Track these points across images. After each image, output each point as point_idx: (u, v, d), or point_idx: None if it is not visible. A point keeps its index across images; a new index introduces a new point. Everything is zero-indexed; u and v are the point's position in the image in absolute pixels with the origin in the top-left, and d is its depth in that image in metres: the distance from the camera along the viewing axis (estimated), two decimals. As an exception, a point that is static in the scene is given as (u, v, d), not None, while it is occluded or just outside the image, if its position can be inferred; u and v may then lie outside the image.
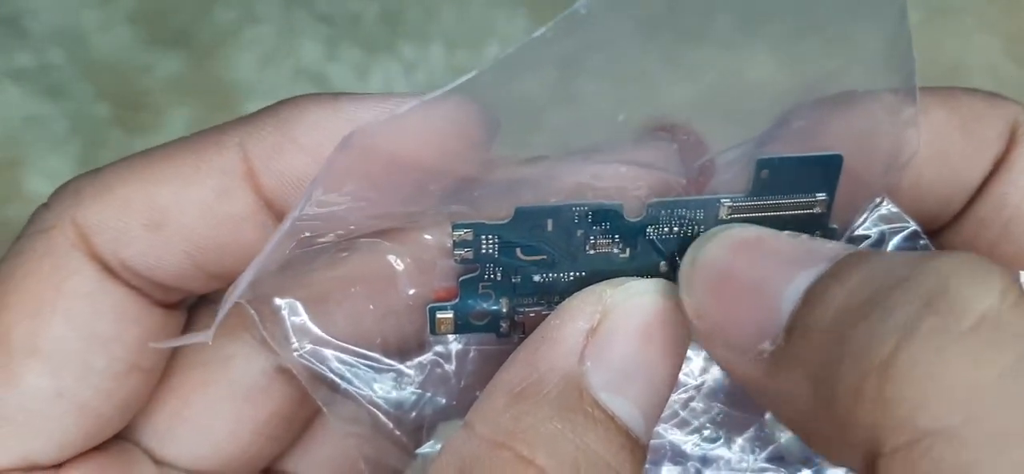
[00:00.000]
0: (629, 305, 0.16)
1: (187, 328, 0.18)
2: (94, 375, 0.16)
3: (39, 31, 0.59)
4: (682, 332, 0.16)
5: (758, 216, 0.16)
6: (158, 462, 0.18)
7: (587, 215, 0.16)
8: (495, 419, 0.15)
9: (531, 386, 0.15)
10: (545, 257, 0.17)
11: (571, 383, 0.15)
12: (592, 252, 0.17)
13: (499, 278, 0.17)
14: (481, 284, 0.17)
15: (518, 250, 0.17)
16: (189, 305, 0.18)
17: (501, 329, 0.18)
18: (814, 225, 0.16)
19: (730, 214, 0.17)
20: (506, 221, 0.17)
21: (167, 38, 0.59)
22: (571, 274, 0.17)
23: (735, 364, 0.15)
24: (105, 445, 0.17)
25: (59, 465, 0.16)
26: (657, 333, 0.16)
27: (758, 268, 0.15)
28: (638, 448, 0.16)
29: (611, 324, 0.16)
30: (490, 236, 0.16)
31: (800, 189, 0.16)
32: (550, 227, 0.16)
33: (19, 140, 0.59)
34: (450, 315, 0.17)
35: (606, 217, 0.16)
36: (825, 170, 0.16)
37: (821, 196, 0.16)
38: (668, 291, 0.17)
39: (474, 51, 0.59)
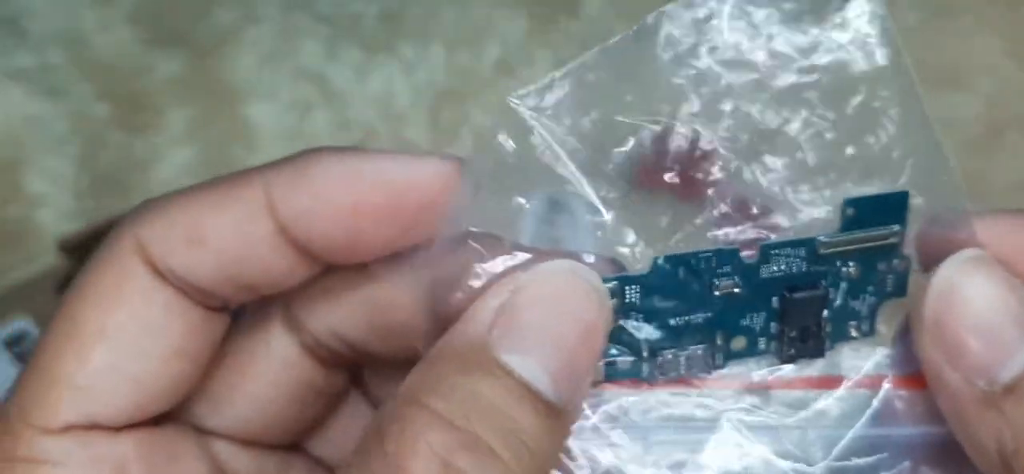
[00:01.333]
0: (537, 279, 0.18)
1: (228, 331, 0.22)
2: (146, 357, 0.20)
3: (39, 32, 0.59)
4: (595, 305, 0.18)
5: (847, 248, 0.19)
6: (207, 432, 0.22)
7: (711, 259, 0.19)
8: (408, 382, 0.17)
9: (442, 352, 0.18)
10: (679, 302, 0.19)
11: (476, 345, 0.17)
12: (717, 294, 0.19)
13: (641, 324, 0.19)
14: (625, 332, 0.19)
15: (656, 297, 0.19)
16: (233, 311, 0.22)
17: (644, 372, 0.20)
18: (892, 253, 0.19)
19: (826, 250, 0.19)
20: (646, 272, 0.19)
21: (167, 38, 0.59)
22: (701, 316, 0.19)
23: (947, 376, 0.18)
24: (157, 420, 0.21)
25: (117, 429, 0.20)
26: (565, 303, 0.18)
27: (1003, 317, 0.18)
28: (550, 410, 0.17)
29: (519, 297, 0.18)
30: (633, 286, 0.19)
31: (878, 222, 0.19)
32: (682, 274, 0.19)
33: (19, 140, 0.59)
34: (600, 362, 0.19)
35: (727, 259, 0.19)
36: (897, 205, 0.19)
37: (896, 228, 0.19)
38: (580, 272, 0.18)
39: (474, 52, 0.59)
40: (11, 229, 0.58)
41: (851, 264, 0.19)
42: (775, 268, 0.19)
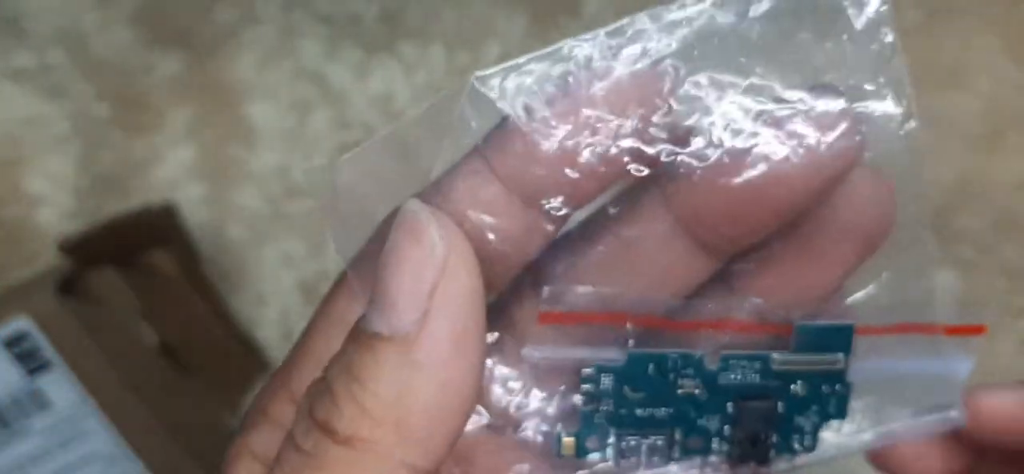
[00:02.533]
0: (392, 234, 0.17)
1: None
2: None
3: (39, 32, 0.59)
4: (412, 235, 0.17)
5: (797, 369, 0.21)
6: None
7: (677, 361, 0.21)
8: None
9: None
10: (646, 394, 0.21)
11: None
12: (680, 392, 0.21)
13: (611, 411, 0.21)
14: (596, 415, 0.21)
15: (626, 388, 0.21)
16: None
17: (607, 455, 0.21)
18: (836, 378, 0.21)
19: (779, 366, 0.21)
20: (621, 364, 0.20)
21: (167, 38, 0.60)
22: (663, 410, 0.21)
23: None
24: None
25: None
26: (390, 242, 0.17)
27: None
28: (377, 339, 0.17)
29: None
30: (608, 374, 0.20)
31: (827, 349, 0.21)
32: (651, 370, 0.21)
33: (19, 140, 0.59)
34: (573, 440, 0.21)
35: (691, 363, 0.21)
36: (844, 336, 0.21)
37: (840, 355, 0.21)
38: (405, 214, 0.18)
39: (474, 52, 0.59)
40: (11, 229, 0.58)
41: (799, 382, 0.21)
42: (732, 376, 0.21)
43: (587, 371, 0.20)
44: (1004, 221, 0.59)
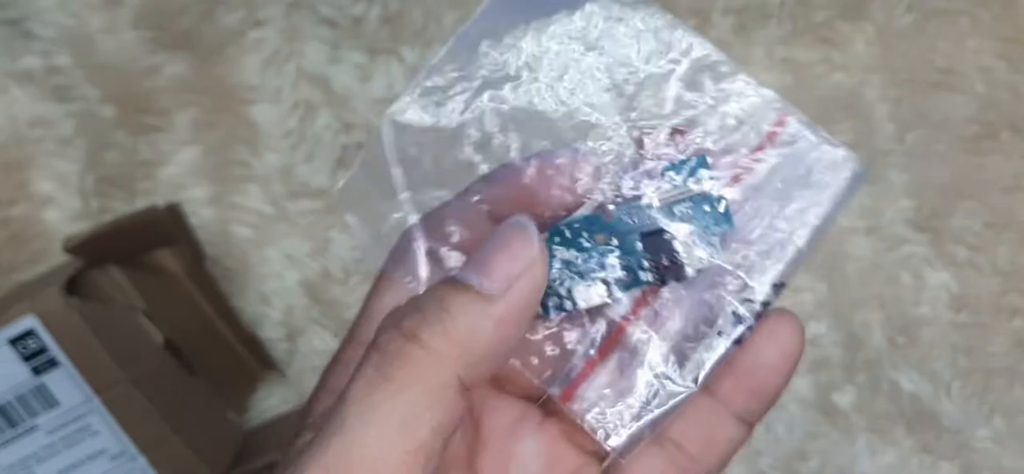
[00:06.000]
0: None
1: None
2: None
3: (45, 34, 0.59)
4: (511, 235, 0.24)
5: (677, 197, 0.26)
6: None
7: (583, 222, 0.26)
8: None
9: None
10: (574, 252, 0.26)
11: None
12: (597, 243, 0.25)
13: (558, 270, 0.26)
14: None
15: (561, 250, 0.26)
16: None
17: (565, 305, 0.26)
18: (709, 197, 0.26)
19: (663, 200, 0.26)
20: (545, 237, 0.25)
21: (172, 41, 0.60)
22: (593, 259, 0.26)
23: None
24: None
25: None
26: (495, 234, 0.24)
27: None
28: (473, 292, 0.23)
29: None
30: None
31: (690, 171, 0.26)
32: (568, 234, 0.26)
33: (26, 141, 0.59)
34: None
35: (593, 221, 0.26)
36: (700, 164, 0.26)
37: (702, 172, 0.26)
38: (509, 223, 0.24)
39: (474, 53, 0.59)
40: (17, 229, 0.59)
41: (682, 206, 0.26)
42: (628, 220, 0.26)
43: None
44: (997, 221, 0.59)
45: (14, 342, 0.47)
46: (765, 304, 0.25)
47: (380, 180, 0.25)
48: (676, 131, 0.26)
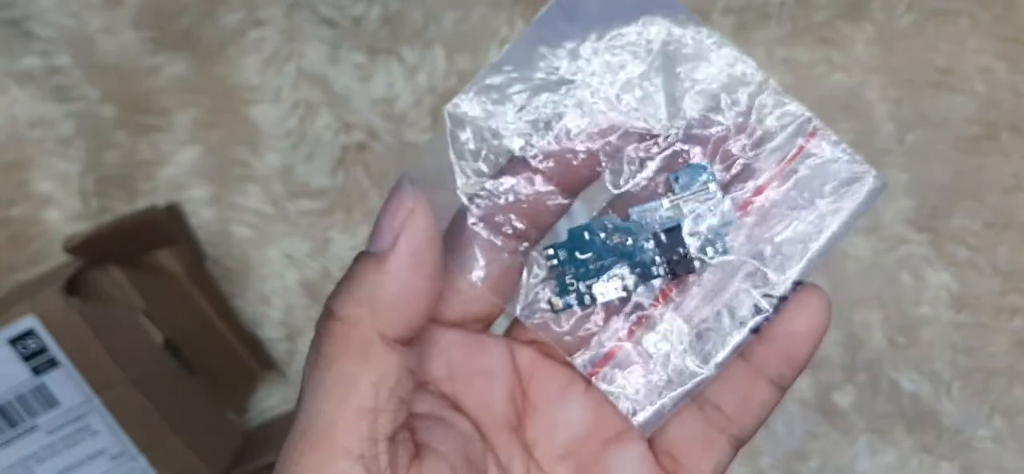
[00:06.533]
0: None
1: None
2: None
3: (45, 34, 0.59)
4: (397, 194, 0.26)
5: (685, 199, 0.28)
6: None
7: (601, 224, 0.28)
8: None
9: None
10: (592, 253, 0.28)
11: None
12: (614, 243, 0.28)
13: (575, 271, 0.28)
14: (566, 277, 0.28)
15: (576, 253, 0.28)
16: None
17: (585, 299, 0.29)
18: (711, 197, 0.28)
19: (672, 201, 0.28)
20: (564, 239, 0.28)
21: (172, 41, 0.60)
22: (609, 259, 0.28)
23: None
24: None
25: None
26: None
27: None
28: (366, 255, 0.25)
29: None
30: (561, 249, 0.28)
31: (695, 181, 0.28)
32: (587, 236, 0.28)
33: (26, 141, 0.59)
34: (558, 298, 0.28)
35: (610, 222, 0.28)
36: (701, 169, 0.28)
37: (707, 177, 0.28)
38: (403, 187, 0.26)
39: (475, 54, 0.59)
40: (17, 229, 0.59)
41: (691, 207, 0.28)
42: (644, 221, 0.28)
43: (548, 251, 0.28)
44: (997, 221, 0.59)
45: (14, 342, 0.47)
46: (783, 298, 0.27)
47: (440, 174, 0.27)
48: (717, 141, 0.28)
